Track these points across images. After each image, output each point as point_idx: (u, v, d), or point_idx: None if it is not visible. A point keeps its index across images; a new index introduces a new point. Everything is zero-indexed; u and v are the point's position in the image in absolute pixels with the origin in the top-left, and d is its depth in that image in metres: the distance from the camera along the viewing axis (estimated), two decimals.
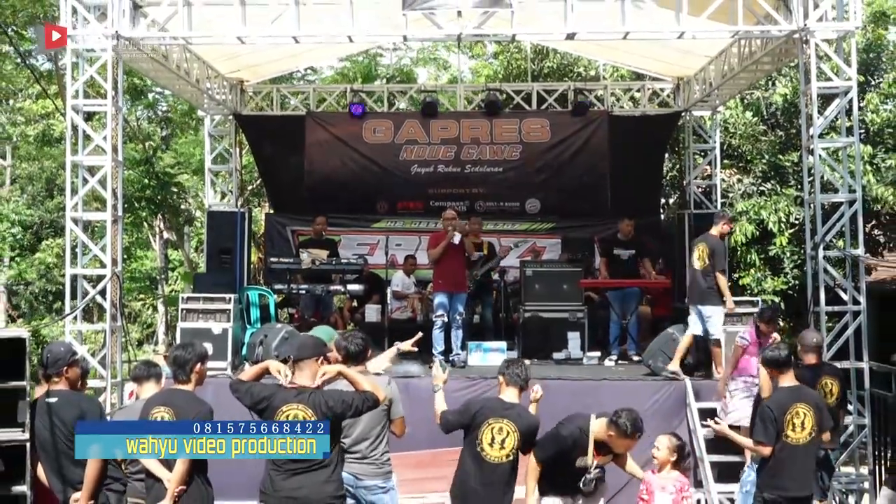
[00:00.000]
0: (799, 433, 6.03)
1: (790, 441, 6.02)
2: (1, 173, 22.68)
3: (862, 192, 9.64)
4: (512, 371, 5.81)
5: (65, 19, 9.43)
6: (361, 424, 5.60)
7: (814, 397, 6.23)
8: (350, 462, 5.58)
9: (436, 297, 10.10)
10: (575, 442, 5.66)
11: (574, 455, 5.62)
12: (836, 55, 9.44)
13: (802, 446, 6.03)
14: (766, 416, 6.11)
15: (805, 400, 6.12)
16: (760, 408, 6.35)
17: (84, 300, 9.59)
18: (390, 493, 5.75)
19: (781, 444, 6.02)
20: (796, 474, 6.02)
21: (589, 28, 9.37)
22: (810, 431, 6.04)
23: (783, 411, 6.03)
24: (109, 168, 9.58)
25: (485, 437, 5.60)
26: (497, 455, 5.58)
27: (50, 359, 6.07)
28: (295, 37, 9.54)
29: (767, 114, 15.58)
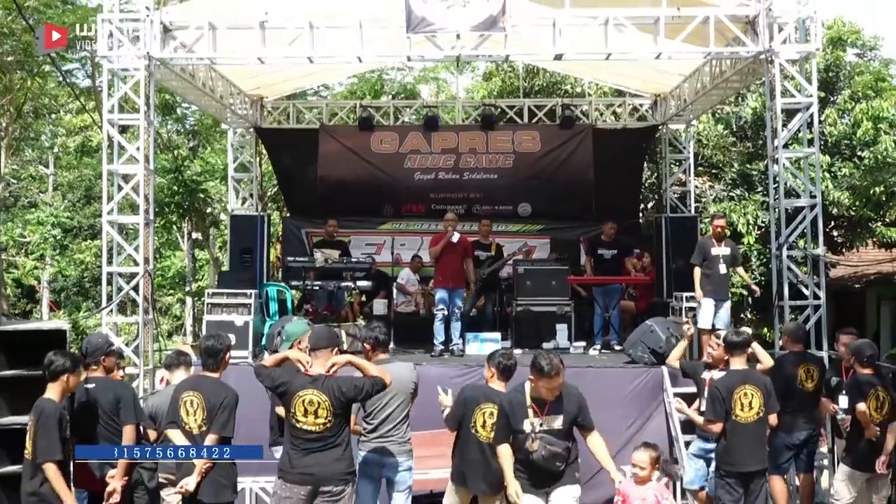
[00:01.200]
0: (747, 412, 6.04)
1: (739, 420, 6.03)
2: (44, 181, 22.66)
3: (821, 197, 9.67)
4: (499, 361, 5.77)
5: (102, 42, 9.44)
6: (390, 408, 5.63)
7: (761, 380, 6.22)
8: (377, 441, 5.59)
9: (436, 292, 10.13)
10: (512, 403, 5.21)
11: (519, 419, 5.09)
12: (799, 74, 9.45)
13: (751, 424, 6.04)
14: (716, 396, 6.13)
15: (752, 382, 6.14)
16: (710, 388, 6.38)
17: (119, 295, 9.59)
18: (411, 471, 5.78)
19: (731, 422, 6.03)
20: (746, 450, 6.03)
21: (575, 49, 9.37)
22: (758, 411, 6.05)
23: (731, 392, 6.05)
24: (142, 176, 9.59)
25: (477, 420, 5.61)
26: (489, 436, 5.53)
27: (89, 349, 6.09)
28: (309, 57, 9.53)
29: (736, 127, 15.61)
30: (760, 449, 6.20)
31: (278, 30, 9.40)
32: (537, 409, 5.04)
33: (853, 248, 15.62)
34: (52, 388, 5.17)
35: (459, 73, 19.33)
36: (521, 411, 5.06)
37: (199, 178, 18.97)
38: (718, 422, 6.05)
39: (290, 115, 14.45)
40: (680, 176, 14.07)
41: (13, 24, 15.89)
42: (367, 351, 5.90)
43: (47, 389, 5.16)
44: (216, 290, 10.45)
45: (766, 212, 12.35)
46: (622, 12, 9.19)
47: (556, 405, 5.09)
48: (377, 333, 5.87)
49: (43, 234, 17.86)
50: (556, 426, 5.05)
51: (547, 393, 5.03)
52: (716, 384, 6.26)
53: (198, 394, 5.47)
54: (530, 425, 5.00)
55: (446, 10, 8.99)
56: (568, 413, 5.11)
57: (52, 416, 5.02)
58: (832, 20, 15.12)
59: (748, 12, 9.39)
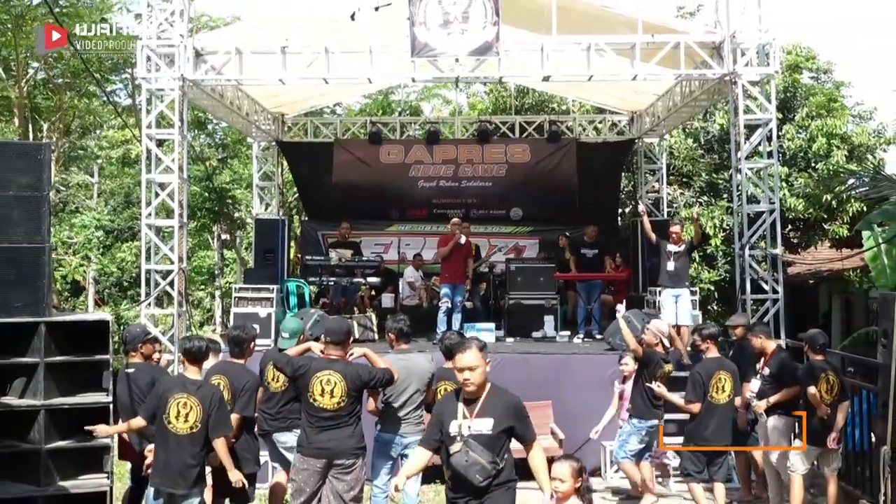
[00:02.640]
0: (720, 395, 6.11)
1: (713, 401, 6.07)
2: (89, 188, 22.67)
3: (779, 203, 9.68)
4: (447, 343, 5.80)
5: (141, 65, 9.46)
6: (407, 394, 5.64)
7: (732, 367, 6.30)
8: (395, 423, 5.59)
9: (441, 287, 10.16)
10: (445, 402, 4.31)
11: (448, 419, 4.06)
12: (760, 94, 9.47)
13: (722, 405, 6.09)
14: (696, 379, 6.19)
15: (726, 368, 6.21)
16: (692, 373, 6.40)
17: (156, 290, 9.60)
18: None
19: (707, 402, 6.07)
20: (716, 428, 6.07)
21: (561, 72, 9.40)
22: (729, 394, 6.13)
23: (709, 376, 6.10)
24: (176, 184, 9.60)
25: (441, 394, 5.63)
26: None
27: (128, 338, 6.10)
28: (325, 78, 9.55)
29: (704, 140, 15.60)
30: (728, 427, 6.25)
31: (297, 54, 9.43)
32: (467, 410, 4.04)
33: (808, 249, 15.66)
34: (193, 371, 5.21)
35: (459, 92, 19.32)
36: (452, 411, 4.08)
37: (228, 186, 19.00)
38: (698, 402, 6.11)
39: (308, 130, 14.46)
40: (654, 184, 14.07)
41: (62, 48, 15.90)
42: (391, 340, 5.91)
43: (189, 372, 5.21)
44: (242, 285, 10.48)
45: (731, 216, 12.35)
46: (602, 39, 9.22)
47: (486, 406, 4.00)
48: (401, 325, 5.88)
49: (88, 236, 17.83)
50: (484, 431, 3.94)
51: (468, 385, 3.97)
52: (696, 370, 6.30)
53: (224, 377, 5.49)
54: (457, 427, 3.99)
55: (446, 36, 9.01)
56: (498, 418, 3.97)
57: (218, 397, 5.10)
58: (790, 46, 15.12)
59: (714, 39, 9.41)
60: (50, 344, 4.99)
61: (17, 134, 16.78)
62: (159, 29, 9.46)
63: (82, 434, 5.06)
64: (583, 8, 9.51)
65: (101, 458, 5.15)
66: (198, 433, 4.99)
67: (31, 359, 4.96)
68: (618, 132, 14.24)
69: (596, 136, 14.44)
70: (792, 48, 15.15)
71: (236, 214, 19.95)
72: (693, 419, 6.21)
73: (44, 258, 5.06)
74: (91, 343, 5.12)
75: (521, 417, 4.07)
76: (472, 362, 3.94)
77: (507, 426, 3.98)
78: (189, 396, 5.02)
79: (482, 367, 3.98)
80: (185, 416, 4.99)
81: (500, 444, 3.97)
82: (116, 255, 19.99)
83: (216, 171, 19.37)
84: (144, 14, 9.71)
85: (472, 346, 4.02)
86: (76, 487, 5.03)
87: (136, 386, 5.79)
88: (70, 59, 15.98)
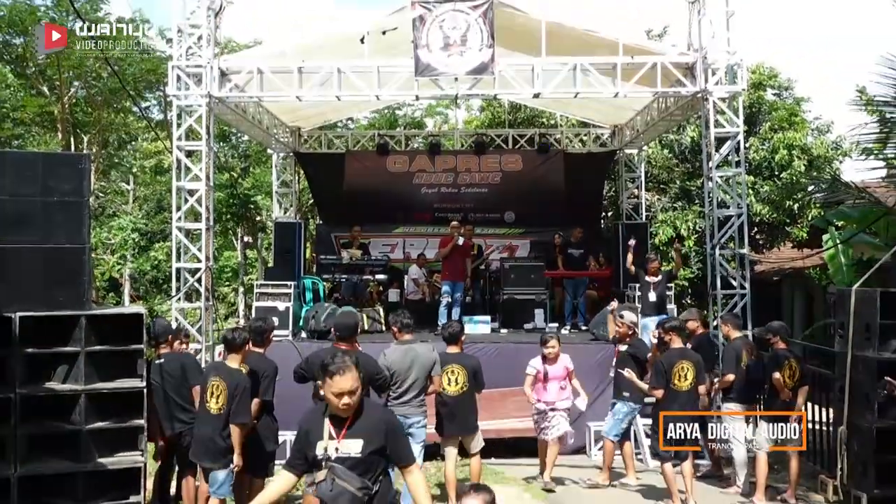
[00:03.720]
0: (682, 383, 6.06)
1: (675, 388, 6.04)
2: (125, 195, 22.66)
3: (746, 208, 9.67)
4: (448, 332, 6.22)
5: (172, 84, 9.46)
6: (410, 380, 5.65)
7: (695, 357, 6.23)
8: (399, 406, 5.61)
9: (443, 284, 10.15)
10: (309, 419, 3.33)
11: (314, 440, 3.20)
12: (728, 109, 9.46)
13: (684, 392, 6.05)
14: (659, 368, 6.15)
15: (688, 358, 6.15)
16: (655, 362, 6.39)
17: (186, 286, 9.60)
18: (424, 427, 5.80)
19: (669, 390, 6.04)
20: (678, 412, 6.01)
21: (550, 90, 9.39)
22: (691, 382, 6.07)
23: (671, 366, 6.06)
24: (204, 191, 9.59)
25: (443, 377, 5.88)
26: (454, 389, 5.90)
27: (157, 331, 6.07)
28: (337, 96, 9.55)
29: (678, 151, 15.60)
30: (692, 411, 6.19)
31: (312, 74, 9.42)
32: (334, 430, 3.18)
33: (772, 249, 15.65)
34: (233, 359, 5.22)
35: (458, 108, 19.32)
36: (318, 430, 3.20)
37: (250, 193, 18.98)
38: (660, 388, 6.07)
39: (322, 142, 14.45)
40: (633, 191, 14.07)
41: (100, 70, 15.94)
42: (394, 332, 5.92)
43: (230, 360, 5.23)
44: (263, 282, 10.47)
45: (703, 219, 12.34)
46: (587, 60, 9.21)
47: (356, 425, 3.16)
48: (402, 318, 5.90)
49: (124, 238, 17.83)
50: (353, 453, 3.14)
51: (346, 410, 3.14)
52: (660, 360, 6.27)
53: (245, 365, 5.49)
54: (323, 450, 3.15)
55: (447, 58, 9.01)
56: (369, 439, 3.15)
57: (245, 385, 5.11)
58: (755, 65, 15.12)
59: (688, 60, 9.41)
60: (90, 335, 4.99)
61: (60, 146, 16.77)
62: (188, 51, 9.46)
63: (119, 415, 5.07)
64: (569, 32, 9.51)
65: (136, 438, 5.15)
66: (224, 414, 5.03)
67: (73, 348, 4.96)
68: (601, 144, 14.23)
69: (581, 148, 14.43)
70: (756, 67, 15.15)
71: (257, 218, 19.93)
72: (658, 405, 6.18)
73: (84, 258, 5.06)
74: (127, 334, 5.12)
75: (396, 436, 3.25)
76: (351, 385, 3.13)
77: (378, 447, 3.16)
78: (221, 380, 5.07)
79: (360, 389, 3.19)
80: (217, 398, 5.04)
81: (373, 466, 3.16)
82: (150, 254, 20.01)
83: (239, 179, 19.36)
84: (175, 38, 9.71)
85: (350, 366, 3.15)
86: (113, 464, 5.03)
87: (167, 373, 5.79)
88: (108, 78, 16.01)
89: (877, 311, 5.97)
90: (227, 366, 5.21)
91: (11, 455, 4.71)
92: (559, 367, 6.69)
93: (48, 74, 16.48)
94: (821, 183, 11.88)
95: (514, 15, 9.54)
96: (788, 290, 16.16)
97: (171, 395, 5.73)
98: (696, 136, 13.99)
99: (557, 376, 6.67)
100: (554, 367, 6.67)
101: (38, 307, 4.87)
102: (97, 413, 5.02)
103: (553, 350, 6.65)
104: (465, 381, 5.93)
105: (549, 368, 6.65)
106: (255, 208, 19.41)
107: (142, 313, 5.28)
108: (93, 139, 17.94)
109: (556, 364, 6.69)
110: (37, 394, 4.87)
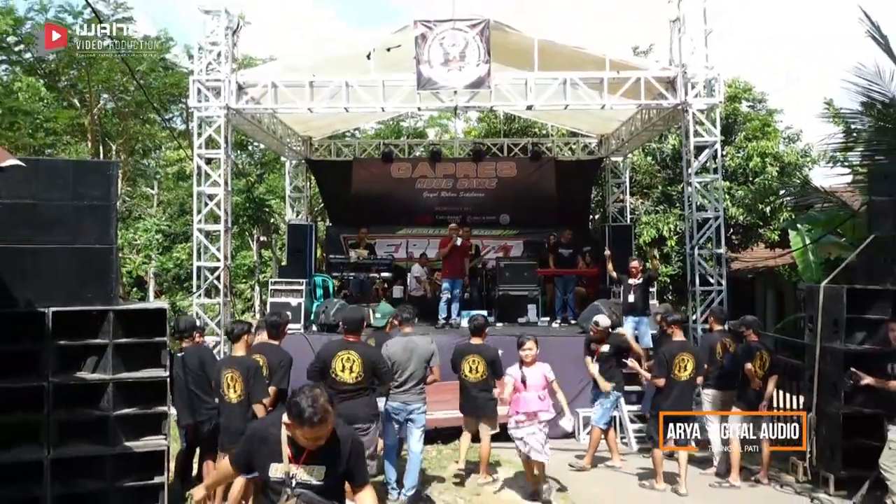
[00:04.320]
0: (682, 373, 6.04)
1: (675, 378, 6.02)
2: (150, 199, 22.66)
3: (723, 211, 9.68)
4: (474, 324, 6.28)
5: (193, 96, 9.47)
6: (410, 370, 5.65)
7: (695, 349, 6.25)
8: (401, 394, 5.62)
9: (443, 282, 10.16)
10: (258, 435, 2.83)
11: (265, 459, 2.73)
12: (706, 120, 9.47)
13: (683, 382, 6.04)
14: (661, 359, 6.14)
15: (689, 350, 6.15)
16: (658, 353, 6.38)
17: (206, 284, 9.61)
18: (424, 413, 5.81)
19: (670, 379, 6.03)
20: (676, 401, 6.02)
21: (541, 102, 9.40)
22: (690, 373, 6.06)
23: (673, 357, 6.05)
24: (222, 195, 9.61)
25: (465, 365, 6.03)
26: (475, 377, 5.99)
27: (180, 327, 6.07)
28: (346, 108, 9.56)
29: (660, 159, 15.59)
30: (689, 400, 6.21)
31: (322, 87, 9.43)
32: (293, 454, 2.69)
33: (746, 249, 15.65)
34: (238, 348, 5.18)
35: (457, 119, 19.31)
36: (272, 450, 2.72)
37: (265, 197, 19.00)
38: (662, 377, 6.06)
39: (332, 150, 14.45)
40: (619, 195, 14.07)
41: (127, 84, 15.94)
42: (397, 325, 5.95)
43: (235, 349, 5.19)
44: (277, 279, 10.47)
45: (683, 222, 12.36)
46: (576, 74, 9.22)
47: (321, 451, 2.68)
48: (403, 312, 5.95)
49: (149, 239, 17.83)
50: (315, 481, 2.68)
51: (307, 443, 2.65)
52: (662, 351, 6.26)
53: (262, 356, 5.48)
54: (283, 473, 2.68)
55: (447, 73, 9.02)
56: (333, 464, 2.70)
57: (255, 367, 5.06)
58: (731, 80, 15.13)
59: (669, 74, 9.41)
60: (117, 328, 4.99)
61: (89, 154, 16.77)
62: (208, 67, 9.47)
63: (144, 402, 5.07)
64: (559, 49, 9.52)
65: (160, 423, 5.16)
66: (245, 400, 5.03)
67: (102, 340, 4.97)
68: (589, 152, 14.23)
69: (571, 156, 14.43)
70: (732, 81, 15.16)
71: (271, 220, 19.93)
72: (659, 393, 6.18)
73: (112, 257, 5.07)
74: (151, 327, 5.13)
75: (358, 457, 2.80)
76: (327, 431, 2.63)
77: (341, 471, 2.73)
78: (233, 370, 5.05)
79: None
80: (234, 388, 5.03)
81: (336, 490, 2.76)
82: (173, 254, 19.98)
83: (255, 185, 19.36)
84: (196, 54, 9.71)
85: (329, 411, 2.60)
86: (139, 447, 5.04)
87: (188, 367, 5.78)
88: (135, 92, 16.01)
89: (843, 306, 5.98)
90: (235, 356, 5.19)
91: (45, 439, 4.72)
92: (537, 374, 5.73)
93: (79, 88, 16.50)
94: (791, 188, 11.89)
95: (509, 33, 9.55)
96: (761, 286, 16.15)
97: (191, 386, 5.72)
98: (677, 144, 13.99)
99: (536, 385, 5.70)
100: (532, 373, 5.72)
101: (69, 303, 4.88)
102: (124, 400, 5.03)
103: (530, 353, 5.73)
104: (484, 370, 6.04)
105: (527, 374, 5.71)
106: (270, 211, 19.41)
107: (165, 308, 5.27)
108: (120, 148, 17.96)
109: (534, 369, 5.75)
110: (68, 383, 4.88)
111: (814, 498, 5.86)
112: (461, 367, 6.12)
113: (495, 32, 9.14)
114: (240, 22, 9.88)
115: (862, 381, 5.35)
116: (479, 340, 6.20)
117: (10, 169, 3.81)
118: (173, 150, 20.07)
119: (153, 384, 5.09)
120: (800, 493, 6.03)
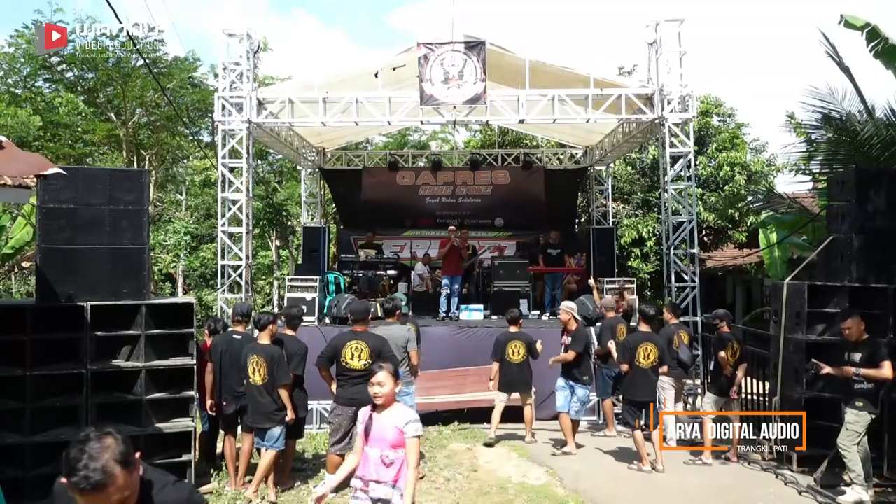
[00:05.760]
0: (644, 361, 5.99)
1: (639, 365, 5.99)
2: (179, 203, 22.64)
3: (696, 215, 9.67)
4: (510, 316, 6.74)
5: (217, 112, 9.46)
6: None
7: (658, 339, 6.16)
8: None
9: (443, 279, 10.14)
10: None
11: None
12: (681, 133, 9.45)
13: (645, 369, 5.99)
14: (626, 346, 6.09)
15: (652, 340, 6.08)
16: (624, 340, 6.35)
17: (229, 280, 9.59)
18: (411, 395, 5.81)
19: (634, 366, 5.99)
20: (641, 386, 5.97)
21: (532, 116, 9.39)
22: (653, 361, 5.99)
23: (637, 345, 6.01)
24: (244, 201, 9.59)
25: (509, 350, 6.51)
26: (517, 359, 6.51)
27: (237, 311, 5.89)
28: (356, 121, 9.55)
29: (640, 168, 15.58)
30: (652, 386, 6.13)
31: (335, 103, 9.43)
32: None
33: (717, 249, 15.64)
34: (264, 336, 5.15)
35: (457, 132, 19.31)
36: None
37: (283, 202, 18.96)
38: (626, 363, 6.02)
39: (343, 160, 14.43)
40: (602, 201, 14.05)
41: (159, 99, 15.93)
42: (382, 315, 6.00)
43: (260, 337, 5.16)
44: (293, 276, 10.45)
45: (660, 224, 12.35)
46: (563, 91, 9.21)
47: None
48: (385, 304, 6.15)
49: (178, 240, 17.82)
50: None
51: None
52: (627, 339, 6.23)
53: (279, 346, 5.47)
54: None
55: (447, 90, 9.01)
56: None
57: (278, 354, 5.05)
58: (703, 96, 15.11)
59: (647, 91, 9.40)
60: (149, 320, 5.00)
61: (124, 163, 16.77)
62: (231, 85, 9.46)
63: (173, 388, 5.07)
64: (549, 69, 9.51)
65: (188, 406, 5.16)
66: (268, 383, 5.03)
67: (135, 331, 4.97)
68: (575, 161, 14.21)
69: (559, 165, 14.41)
70: (704, 98, 15.15)
71: (289, 223, 19.92)
72: (625, 378, 6.13)
73: (144, 256, 5.07)
74: (179, 320, 5.13)
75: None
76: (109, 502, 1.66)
77: None
78: (258, 357, 5.06)
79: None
80: (259, 371, 5.04)
81: None
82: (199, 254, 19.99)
83: (274, 191, 19.34)
84: (220, 74, 9.70)
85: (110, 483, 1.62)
86: (168, 428, 5.04)
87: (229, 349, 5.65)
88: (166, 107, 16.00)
89: (805, 300, 5.97)
90: (260, 343, 5.18)
91: (84, 421, 4.72)
92: (387, 424, 3.14)
93: (115, 104, 16.49)
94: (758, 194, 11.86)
95: (503, 54, 9.54)
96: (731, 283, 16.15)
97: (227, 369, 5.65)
98: (655, 154, 13.98)
99: (381, 439, 3.13)
100: (380, 421, 3.17)
101: (105, 297, 4.88)
102: (155, 386, 5.03)
103: (381, 390, 3.16)
104: (524, 352, 6.57)
105: (375, 420, 3.18)
106: (287, 215, 19.40)
107: (191, 303, 5.27)
108: (152, 157, 17.95)
109: (383, 417, 3.17)
110: (105, 370, 4.88)
111: (778, 474, 5.85)
112: (505, 351, 6.56)
113: (490, 53, 9.13)
114: (260, 45, 9.87)
115: (822, 371, 5.33)
116: (515, 329, 6.66)
117: (52, 177, 3.81)
118: (200, 160, 20.07)
119: (181, 371, 5.09)
120: (766, 470, 6.01)
